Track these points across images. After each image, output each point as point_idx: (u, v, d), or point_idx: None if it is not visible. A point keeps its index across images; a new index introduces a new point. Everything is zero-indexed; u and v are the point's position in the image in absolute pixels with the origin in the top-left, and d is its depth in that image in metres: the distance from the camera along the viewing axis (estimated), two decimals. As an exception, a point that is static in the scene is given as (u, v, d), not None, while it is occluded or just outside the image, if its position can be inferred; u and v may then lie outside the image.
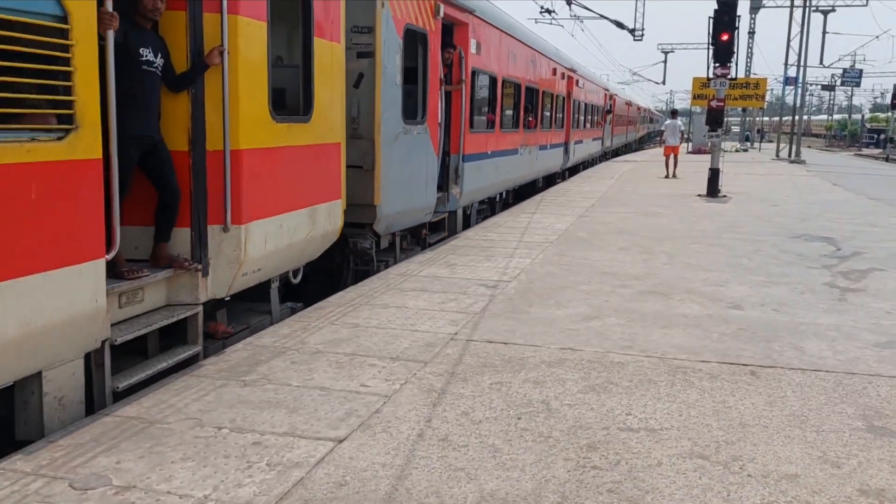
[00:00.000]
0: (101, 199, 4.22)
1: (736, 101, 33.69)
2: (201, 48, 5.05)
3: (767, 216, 13.35)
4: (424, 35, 9.02)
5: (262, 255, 5.63)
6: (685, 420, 4.13)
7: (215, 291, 5.35)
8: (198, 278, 5.16)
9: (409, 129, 8.74)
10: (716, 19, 16.10)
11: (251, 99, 5.37)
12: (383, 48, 7.77)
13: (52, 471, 3.40)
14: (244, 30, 5.22)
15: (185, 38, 5.03)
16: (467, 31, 10.95)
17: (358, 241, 7.90)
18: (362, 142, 7.71)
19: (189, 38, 5.03)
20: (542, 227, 11.61)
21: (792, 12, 36.60)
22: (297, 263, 6.57)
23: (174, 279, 5.11)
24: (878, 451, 3.77)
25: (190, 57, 5.04)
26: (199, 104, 5.10)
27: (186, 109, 5.08)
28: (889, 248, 10.02)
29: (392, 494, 3.26)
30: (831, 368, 5.05)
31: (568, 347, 5.41)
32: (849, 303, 6.93)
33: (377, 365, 4.95)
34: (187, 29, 5.02)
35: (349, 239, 7.79)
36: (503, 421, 4.08)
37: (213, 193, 5.18)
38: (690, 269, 8.33)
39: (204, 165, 5.13)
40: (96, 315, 4.20)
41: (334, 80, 6.65)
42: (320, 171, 6.52)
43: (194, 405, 4.20)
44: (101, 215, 4.22)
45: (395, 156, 8.24)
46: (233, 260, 5.32)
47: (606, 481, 3.41)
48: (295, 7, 6.10)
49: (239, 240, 5.32)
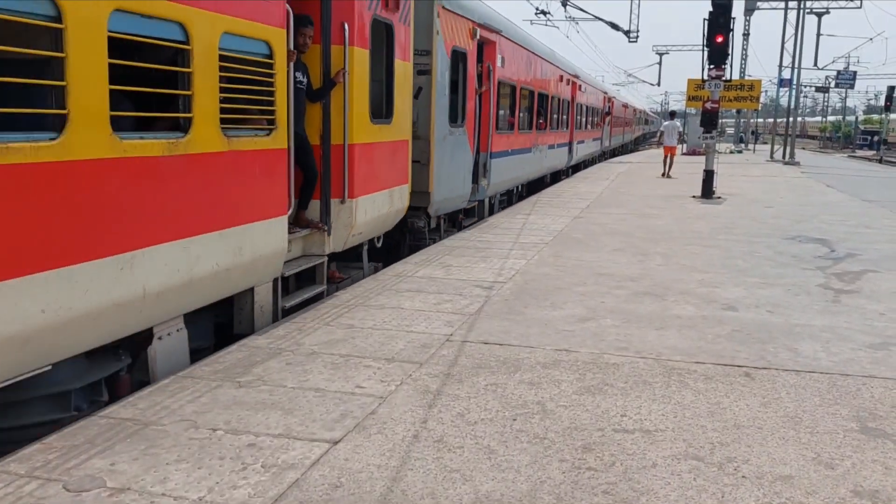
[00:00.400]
0: (289, 174, 6.13)
1: (730, 102, 33.76)
2: (330, 70, 6.91)
3: (762, 218, 13.39)
4: (465, 54, 11.02)
5: (364, 221, 7.56)
6: (680, 421, 4.14)
7: (334, 247, 7.22)
8: (324, 236, 7.04)
9: (453, 131, 10.64)
10: (710, 21, 16.15)
11: (360, 107, 7.25)
12: (437, 67, 9.76)
13: (46, 472, 3.39)
14: (357, 57, 7.09)
15: (320, 64, 6.89)
16: (495, 48, 12.88)
17: (415, 221, 9.91)
18: (420, 141, 9.60)
19: (322, 63, 6.90)
20: (538, 228, 11.62)
21: (786, 14, 36.73)
22: (380, 231, 8.46)
23: (309, 237, 6.98)
24: (871, 453, 3.79)
25: (322, 77, 6.92)
26: (327, 111, 6.99)
27: (319, 115, 6.99)
28: (883, 250, 10.06)
29: (387, 496, 3.26)
30: (825, 370, 5.06)
31: (563, 349, 5.42)
32: (843, 304, 6.95)
33: (372, 366, 4.95)
34: (321, 57, 6.89)
35: (408, 219, 9.61)
36: (498, 422, 4.08)
37: (336, 176, 7.05)
38: (685, 271, 8.34)
39: (329, 155, 7.02)
40: (282, 253, 6.08)
41: (406, 91, 8.70)
42: (396, 161, 8.47)
43: (189, 406, 4.19)
44: (288, 185, 6.10)
45: (443, 153, 10.17)
46: (347, 224, 7.23)
47: (601, 482, 3.42)
48: (382, 36, 7.86)
49: (351, 210, 7.21)
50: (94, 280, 4.09)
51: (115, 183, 4.22)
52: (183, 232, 4.79)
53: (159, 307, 4.72)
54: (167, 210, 4.65)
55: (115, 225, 4.23)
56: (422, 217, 9.92)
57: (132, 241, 4.36)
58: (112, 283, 4.22)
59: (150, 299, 4.56)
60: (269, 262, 5.88)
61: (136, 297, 4.43)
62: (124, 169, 4.26)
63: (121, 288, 4.29)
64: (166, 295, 4.71)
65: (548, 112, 18.95)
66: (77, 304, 3.99)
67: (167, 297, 4.73)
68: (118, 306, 4.30)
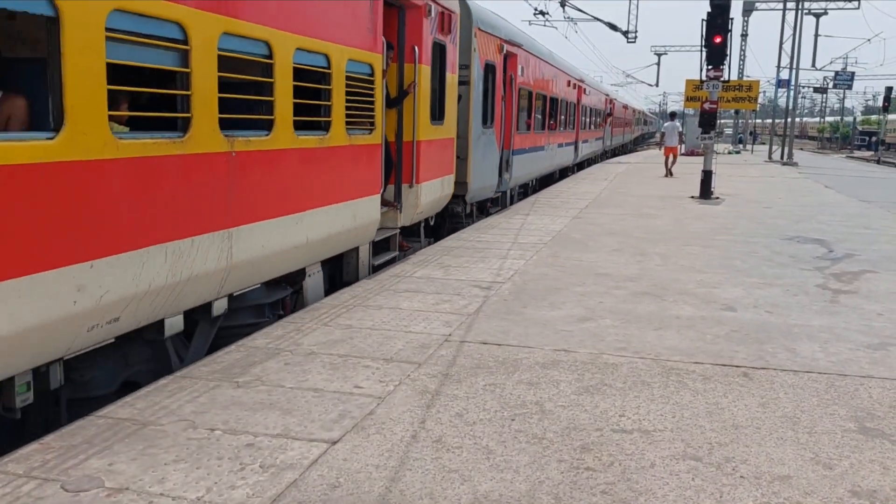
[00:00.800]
0: (382, 163, 8.05)
1: (729, 103, 33.80)
2: (403, 83, 8.88)
3: (760, 218, 13.40)
4: (494, 66, 13.25)
5: (424, 203, 9.56)
6: (678, 421, 4.14)
7: (404, 222, 9.19)
8: (397, 213, 8.98)
9: (485, 131, 12.75)
10: (709, 22, 16.15)
11: (424, 111, 9.30)
12: (474, 78, 11.85)
13: (43, 473, 3.39)
14: (423, 72, 9.15)
15: (396, 78, 8.86)
16: (517, 60, 15.08)
17: (454, 207, 11.96)
18: (460, 140, 11.50)
19: (398, 77, 8.88)
20: (536, 228, 11.63)
21: (784, 15, 36.77)
22: (433, 213, 10.55)
23: (385, 213, 8.60)
24: (869, 453, 3.79)
25: (398, 88, 8.87)
26: (400, 114, 8.96)
27: (395, 117, 8.90)
28: (881, 251, 10.07)
29: (386, 496, 3.26)
30: (823, 370, 5.07)
31: (562, 349, 5.42)
32: (841, 305, 6.96)
33: (371, 366, 4.95)
34: (397, 73, 8.87)
35: (448, 206, 11.53)
36: (497, 422, 4.08)
37: (406, 166, 9.03)
38: (684, 271, 8.35)
39: (401, 149, 8.98)
40: (376, 222, 8.00)
41: (453, 98, 10.79)
42: (446, 155, 10.55)
43: (187, 407, 4.19)
44: (382, 171, 8.05)
45: (477, 149, 12.24)
46: (413, 205, 9.21)
47: (600, 482, 3.42)
48: (437, 55, 9.84)
49: (417, 193, 9.19)
50: (290, 227, 6.16)
51: (298, 164, 6.26)
52: (327, 201, 6.81)
53: (311, 253, 6.73)
54: (320, 184, 6.67)
55: (297, 193, 6.27)
56: (460, 203, 12.03)
57: (303, 205, 6.37)
58: (293, 232, 6.23)
59: (308, 247, 6.55)
60: (368, 228, 7.85)
61: (301, 244, 6.40)
62: (298, 155, 6.26)
63: (296, 236, 6.29)
64: (316, 245, 6.70)
65: (557, 114, 20.92)
66: (290, 240, 6.19)
67: (316, 246, 6.73)
68: (295, 248, 6.32)
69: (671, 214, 13.69)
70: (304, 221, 6.34)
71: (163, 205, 4.65)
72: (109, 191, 4.22)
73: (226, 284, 5.47)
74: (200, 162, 4.96)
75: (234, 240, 5.41)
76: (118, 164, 4.25)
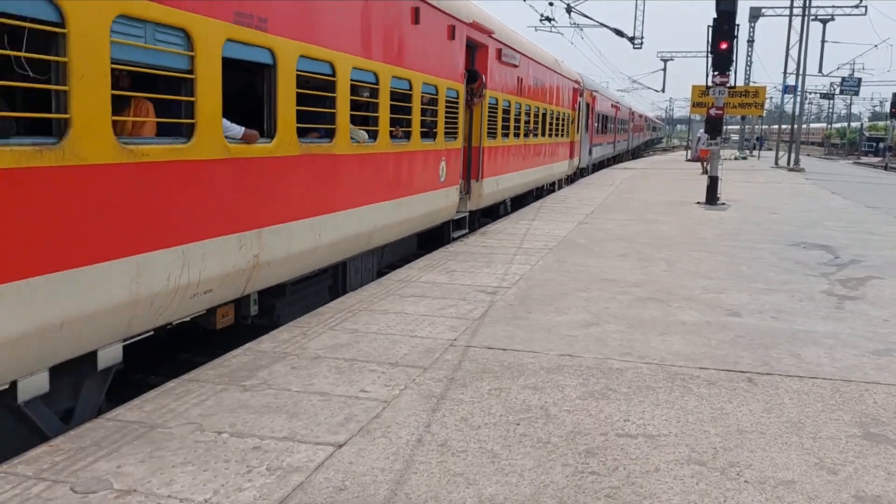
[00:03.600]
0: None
1: (735, 109, 33.82)
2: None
3: (766, 224, 13.39)
4: (588, 104, 25.90)
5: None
6: (683, 426, 4.15)
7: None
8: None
9: (585, 136, 23.06)
10: (715, 28, 16.16)
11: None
12: (583, 113, 24.68)
13: (53, 475, 3.42)
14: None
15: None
16: (595, 97, 27.52)
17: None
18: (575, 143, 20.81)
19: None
20: (542, 233, 11.65)
21: (791, 21, 36.75)
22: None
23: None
24: (874, 458, 3.79)
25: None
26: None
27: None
28: (887, 257, 10.05)
29: (391, 499, 3.28)
30: (828, 376, 5.07)
31: (567, 354, 5.43)
32: (846, 310, 6.96)
33: (377, 370, 4.97)
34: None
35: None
36: (502, 426, 4.10)
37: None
38: (689, 277, 8.35)
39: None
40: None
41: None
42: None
43: (195, 410, 4.22)
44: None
45: (584, 150, 25.13)
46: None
47: (605, 487, 3.43)
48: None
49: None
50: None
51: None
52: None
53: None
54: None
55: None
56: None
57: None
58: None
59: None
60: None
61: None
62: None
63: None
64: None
65: (601, 124, 32.25)
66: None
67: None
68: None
69: (677, 220, 13.69)
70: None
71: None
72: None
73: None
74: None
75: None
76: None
